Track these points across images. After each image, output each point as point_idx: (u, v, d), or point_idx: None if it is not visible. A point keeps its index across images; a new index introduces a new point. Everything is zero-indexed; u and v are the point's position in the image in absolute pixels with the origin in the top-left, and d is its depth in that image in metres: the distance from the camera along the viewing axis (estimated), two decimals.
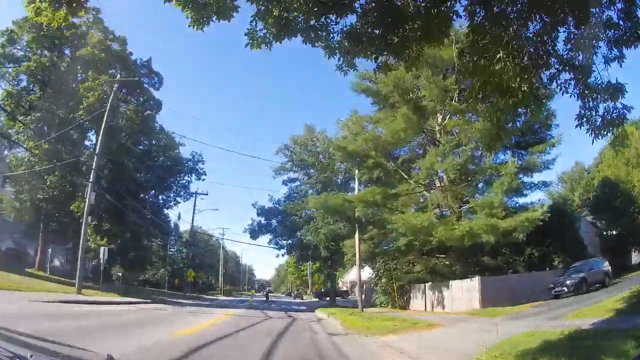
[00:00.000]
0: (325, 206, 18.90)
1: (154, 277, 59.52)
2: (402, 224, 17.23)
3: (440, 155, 18.81)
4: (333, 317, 18.00)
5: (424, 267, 24.36)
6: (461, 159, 18.55)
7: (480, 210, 18.23)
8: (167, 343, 7.39)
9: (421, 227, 17.37)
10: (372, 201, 18.68)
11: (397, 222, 17.77)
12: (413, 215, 17.95)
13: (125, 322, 10.48)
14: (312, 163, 27.31)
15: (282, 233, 28.34)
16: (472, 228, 17.13)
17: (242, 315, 18.01)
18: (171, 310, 18.62)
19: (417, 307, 24.27)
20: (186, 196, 44.98)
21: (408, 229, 17.47)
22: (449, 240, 17.62)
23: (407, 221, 17.17)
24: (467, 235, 17.28)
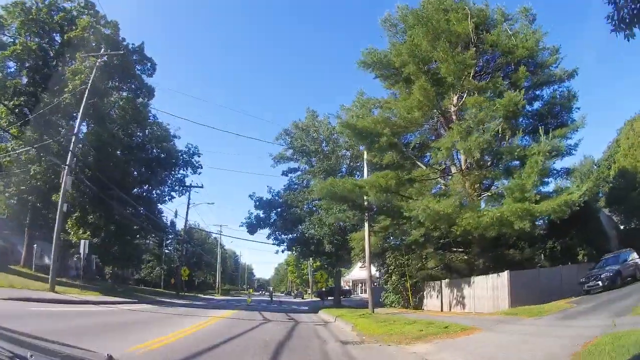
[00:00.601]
0: (331, 192, 16.24)
1: (150, 276, 56.81)
2: (423, 211, 14.54)
3: (462, 133, 16.12)
4: (341, 320, 15.35)
5: (438, 263, 21.68)
6: (488, 134, 15.89)
7: (509, 195, 15.61)
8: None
9: (444, 215, 14.71)
10: (385, 187, 16.02)
11: (416, 209, 15.08)
12: (434, 200, 15.24)
13: (73, 329, 7.78)
14: (315, 150, 24.56)
15: (282, 227, 25.55)
16: (503, 214, 14.49)
17: (235, 318, 15.31)
18: (152, 312, 15.92)
19: (431, 306, 21.61)
20: (181, 191, 42.36)
21: (429, 216, 14.80)
22: (475, 228, 15.00)
23: (428, 207, 14.47)
24: (496, 223, 14.66)
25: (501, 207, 15.01)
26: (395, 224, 18.00)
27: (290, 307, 28.10)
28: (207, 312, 17.75)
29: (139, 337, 7.41)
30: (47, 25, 30.67)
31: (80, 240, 22.44)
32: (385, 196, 16.34)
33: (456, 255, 22.02)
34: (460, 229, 14.99)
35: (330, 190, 16.32)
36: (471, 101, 18.11)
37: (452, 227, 15.56)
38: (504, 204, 15.68)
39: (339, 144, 24.01)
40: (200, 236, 66.79)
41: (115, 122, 32.19)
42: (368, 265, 17.65)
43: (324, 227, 22.50)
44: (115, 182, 29.94)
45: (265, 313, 19.22)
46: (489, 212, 14.75)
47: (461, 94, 20.95)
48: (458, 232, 15.22)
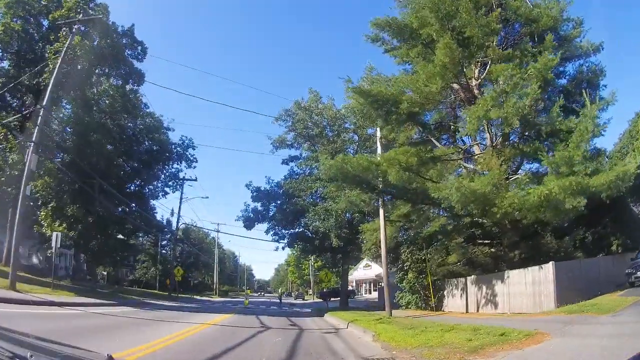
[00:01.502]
0: (342, 172, 13.23)
1: (145, 277, 53.62)
2: (457, 190, 11.58)
3: (496, 99, 13.18)
4: (355, 326, 12.32)
5: (460, 258, 18.68)
6: (528, 99, 12.95)
7: (553, 170, 12.71)
8: None
9: (481, 195, 11.77)
10: (405, 165, 13.07)
11: (448, 189, 12.11)
12: (466, 179, 12.27)
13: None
14: (319, 133, 21.50)
15: (283, 220, 22.36)
16: (552, 192, 11.55)
17: (227, 325, 12.22)
18: (125, 317, 12.87)
19: (453, 307, 18.59)
20: (175, 186, 39.21)
21: (462, 197, 11.85)
22: (519, 210, 12.07)
23: (462, 186, 11.50)
24: (544, 203, 11.73)
25: (549, 183, 12.05)
26: (417, 210, 14.92)
27: (291, 310, 24.98)
28: (194, 317, 14.68)
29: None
30: (33, 9, 28.02)
31: (54, 233, 19.34)
32: (408, 176, 13.34)
33: (480, 249, 19.01)
34: (500, 212, 11.98)
35: (341, 169, 13.26)
36: (499, 69, 15.13)
37: (488, 210, 12.53)
38: (546, 182, 12.74)
39: (345, 128, 21.00)
40: (198, 236, 63.61)
41: (105, 112, 29.13)
42: (384, 259, 14.61)
43: (330, 218, 19.36)
44: (100, 173, 26.97)
45: (263, 317, 16.15)
46: (536, 190, 11.78)
47: (482, 68, 18.11)
48: (498, 215, 12.21)
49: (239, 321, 14.00)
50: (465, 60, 15.39)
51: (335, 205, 19.07)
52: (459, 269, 19.16)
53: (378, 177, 13.43)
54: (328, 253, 25.02)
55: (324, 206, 19.81)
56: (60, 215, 22.79)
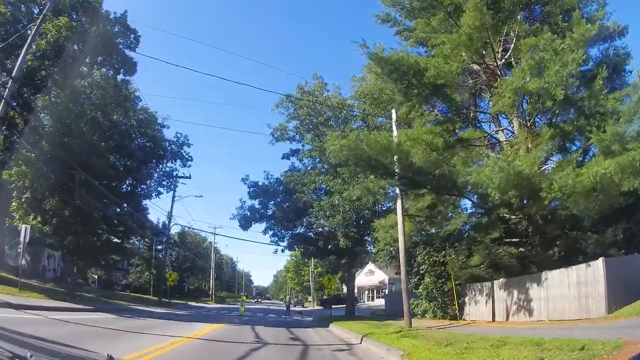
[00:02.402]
0: (357, 153, 10.81)
1: (138, 281, 50.77)
2: (500, 170, 9.24)
3: (534, 68, 10.92)
4: (373, 341, 9.84)
5: (484, 259, 16.20)
6: (571, 67, 10.70)
7: (602, 150, 10.41)
8: None
9: (526, 177, 9.44)
10: (430, 146, 10.75)
11: (484, 173, 9.78)
12: (505, 161, 9.91)
13: None
14: (324, 121, 19.05)
15: (283, 219, 19.72)
16: (608, 171, 9.25)
17: (214, 340, 9.67)
18: (91, 326, 10.31)
19: (477, 315, 16.10)
20: (169, 186, 36.63)
21: (504, 181, 9.52)
22: (569, 195, 9.71)
23: (506, 166, 9.16)
24: (598, 185, 9.40)
25: (597, 165, 9.74)
26: (443, 201, 12.43)
27: (291, 319, 22.34)
28: (178, 328, 12.14)
29: None
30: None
31: (23, 226, 16.80)
32: (435, 157, 10.98)
33: (505, 249, 16.55)
34: (548, 197, 9.63)
35: (354, 150, 10.84)
36: (530, 42, 12.86)
37: (533, 197, 10.16)
38: (595, 163, 10.42)
39: (353, 115, 18.62)
40: (194, 240, 60.86)
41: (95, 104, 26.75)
42: (403, 259, 12.10)
43: (337, 215, 16.82)
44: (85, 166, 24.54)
45: (259, 329, 13.59)
46: (590, 170, 9.45)
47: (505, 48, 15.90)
48: (546, 201, 9.85)
49: (230, 333, 11.46)
50: (493, 29, 13.10)
51: (342, 201, 16.51)
52: (481, 273, 16.70)
53: (399, 158, 11.02)
54: (332, 256, 22.46)
55: (329, 201, 17.30)
56: (36, 208, 20.28)
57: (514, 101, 11.35)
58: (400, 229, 12.17)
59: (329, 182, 17.22)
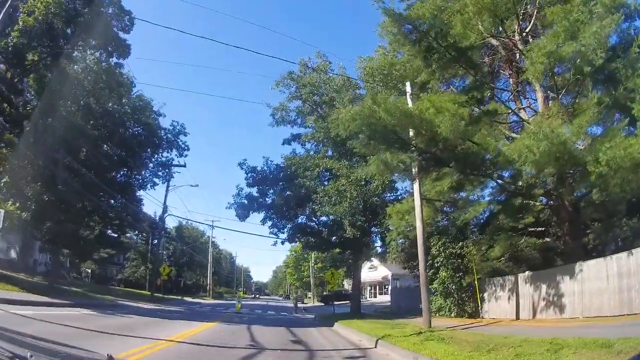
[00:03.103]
0: (370, 123, 8.99)
1: (134, 276, 49.00)
2: (544, 137, 7.48)
3: (568, 30, 9.12)
4: (392, 346, 8.08)
5: (505, 251, 14.47)
6: (609, 28, 8.93)
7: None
8: None
9: (568, 152, 7.70)
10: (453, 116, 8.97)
11: (523, 143, 8.04)
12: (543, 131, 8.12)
13: None
14: (328, 100, 17.16)
15: (283, 206, 18.08)
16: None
17: (200, 344, 7.84)
18: (55, 325, 8.51)
19: (498, 312, 14.37)
20: (165, 176, 34.73)
21: (544, 155, 7.76)
22: (616, 170, 7.97)
23: (547, 135, 7.42)
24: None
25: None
26: (471, 181, 10.56)
27: (291, 316, 20.60)
28: (163, 328, 10.38)
29: None
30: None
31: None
32: (464, 127, 9.18)
33: (527, 240, 14.81)
34: (595, 173, 7.87)
35: (369, 118, 8.95)
36: (557, 10, 10.98)
37: (577, 173, 8.39)
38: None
39: (361, 95, 16.76)
40: (192, 234, 59.05)
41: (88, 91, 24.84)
42: (421, 248, 10.27)
43: (343, 201, 14.90)
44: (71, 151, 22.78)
45: (256, 329, 11.79)
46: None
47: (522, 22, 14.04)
48: (592, 176, 8.11)
49: (221, 335, 9.67)
50: None
51: (348, 185, 14.58)
52: (501, 266, 14.96)
53: (422, 128, 9.16)
54: (336, 249, 20.64)
55: (335, 185, 15.38)
56: (14, 193, 18.46)
57: (546, 68, 9.54)
58: (418, 213, 10.34)
59: (335, 165, 15.35)
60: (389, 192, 16.99)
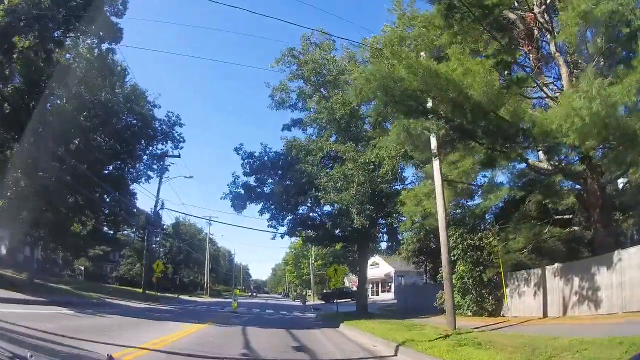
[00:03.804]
0: (387, 85, 7.38)
1: (129, 273, 47.34)
2: (592, 100, 5.91)
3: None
4: (418, 355, 6.48)
5: (529, 242, 12.91)
6: None
7: None
8: None
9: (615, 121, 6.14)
10: (485, 78, 7.41)
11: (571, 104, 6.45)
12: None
13: None
14: (332, 79, 15.45)
15: (283, 194, 15.96)
16: None
17: (179, 353, 6.18)
18: (11, 326, 6.73)
19: (522, 310, 12.85)
20: (160, 169, 32.99)
21: (591, 123, 6.20)
22: None
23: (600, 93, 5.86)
24: None
25: None
26: (503, 155, 8.87)
27: (291, 316, 18.99)
28: (145, 330, 8.80)
29: None
30: None
31: None
32: (497, 90, 7.61)
33: (552, 230, 13.26)
34: None
35: (387, 79, 7.31)
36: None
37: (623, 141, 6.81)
38: None
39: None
40: (189, 231, 57.36)
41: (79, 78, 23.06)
42: (443, 233, 8.64)
43: (350, 187, 13.16)
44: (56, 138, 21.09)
45: (252, 331, 10.17)
46: None
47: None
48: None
49: (210, 340, 8.05)
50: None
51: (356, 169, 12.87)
52: (523, 259, 13.41)
53: (448, 92, 7.52)
54: (340, 243, 18.98)
55: (341, 169, 13.65)
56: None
57: (580, 29, 7.97)
58: (439, 194, 8.68)
59: (340, 148, 13.67)
60: (395, 182, 15.36)
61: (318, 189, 14.12)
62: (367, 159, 12.84)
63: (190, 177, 54.40)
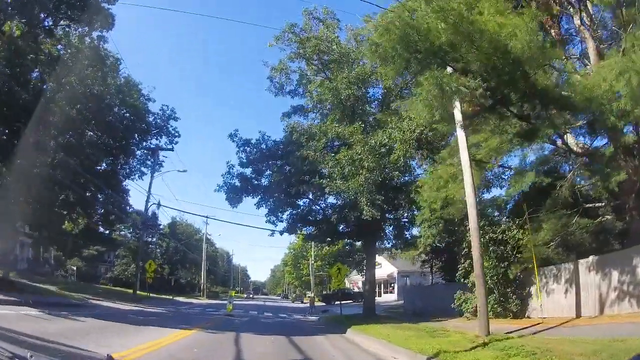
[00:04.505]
0: (409, 37, 5.88)
1: (124, 274, 45.57)
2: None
3: None
4: None
5: (557, 233, 11.40)
6: None
7: None
8: None
9: None
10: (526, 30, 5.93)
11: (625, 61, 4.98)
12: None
13: None
14: (337, 59, 13.80)
15: (282, 183, 14.60)
16: None
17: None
18: None
19: (551, 310, 11.35)
20: (154, 167, 31.27)
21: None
22: None
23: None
24: None
25: None
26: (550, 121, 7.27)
27: (291, 319, 17.35)
28: (115, 337, 7.22)
29: None
30: None
31: None
32: (541, 44, 6.09)
33: (579, 220, 11.77)
34: None
35: (408, 29, 5.76)
36: None
37: None
38: None
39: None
40: (186, 231, 55.64)
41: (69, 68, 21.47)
42: (474, 218, 7.15)
43: (359, 173, 11.46)
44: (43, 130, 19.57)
45: (246, 338, 8.56)
46: None
47: None
48: None
49: (194, 351, 6.46)
50: None
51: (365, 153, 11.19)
52: (550, 254, 11.92)
53: (482, 45, 6.00)
54: (344, 239, 17.31)
55: (349, 153, 11.95)
56: None
57: None
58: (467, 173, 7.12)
59: (347, 130, 12.00)
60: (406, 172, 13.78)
61: (322, 177, 12.50)
62: (377, 142, 11.26)
63: (184, 171, 52.05)
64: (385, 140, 11.05)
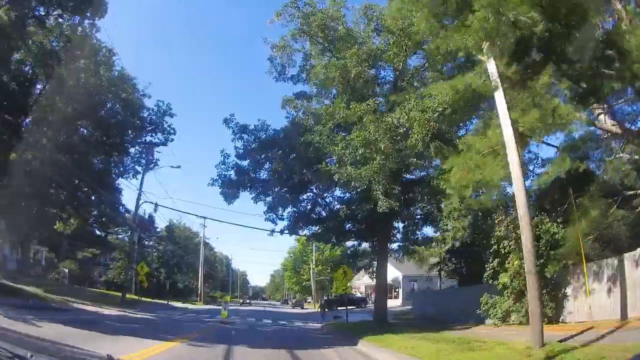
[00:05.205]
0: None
1: (119, 278, 43.68)
2: None
3: None
4: None
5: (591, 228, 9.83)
6: None
7: None
8: None
9: None
10: None
11: None
12: None
13: None
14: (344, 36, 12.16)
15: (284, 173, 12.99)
16: None
17: None
18: None
19: (591, 313, 9.69)
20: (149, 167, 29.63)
21: None
22: None
23: None
24: None
25: None
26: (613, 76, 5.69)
27: (292, 326, 15.64)
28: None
29: None
30: None
31: None
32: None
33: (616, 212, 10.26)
34: None
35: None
36: None
37: None
38: None
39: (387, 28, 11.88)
40: (183, 234, 53.93)
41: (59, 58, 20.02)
42: (523, 201, 5.55)
43: (373, 158, 9.72)
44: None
45: (239, 353, 6.92)
46: None
47: None
48: None
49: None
50: None
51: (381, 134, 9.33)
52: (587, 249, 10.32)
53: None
54: (352, 238, 15.55)
55: (361, 134, 10.17)
56: None
57: None
58: (511, 145, 5.55)
59: (358, 107, 10.30)
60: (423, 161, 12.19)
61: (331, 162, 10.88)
62: (393, 120, 9.64)
63: (178, 167, 50.61)
64: (404, 119, 9.46)
